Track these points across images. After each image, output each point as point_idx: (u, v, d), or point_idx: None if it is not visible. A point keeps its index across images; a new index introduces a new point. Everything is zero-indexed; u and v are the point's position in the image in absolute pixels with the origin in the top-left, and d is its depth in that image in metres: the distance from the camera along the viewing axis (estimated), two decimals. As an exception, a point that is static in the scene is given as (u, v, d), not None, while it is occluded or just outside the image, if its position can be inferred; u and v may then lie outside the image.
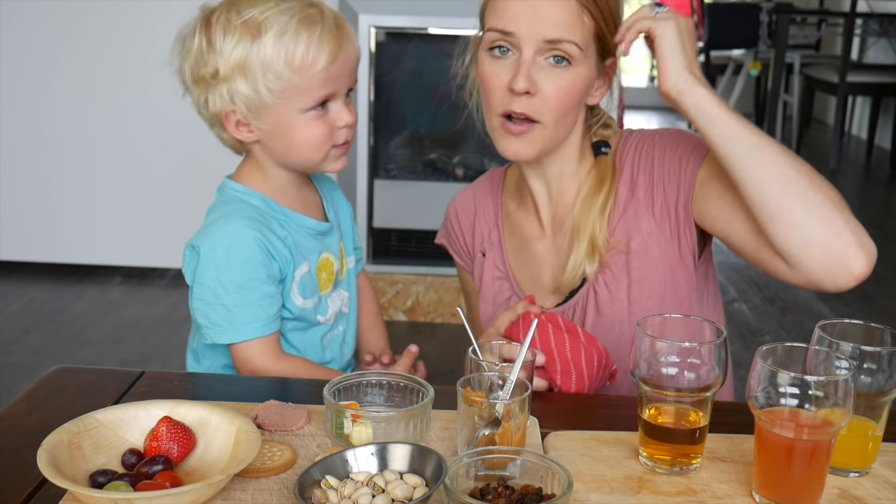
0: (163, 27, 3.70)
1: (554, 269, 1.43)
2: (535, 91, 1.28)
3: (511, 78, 1.28)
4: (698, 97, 1.21)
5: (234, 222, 1.32)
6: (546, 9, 1.27)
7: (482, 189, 1.55)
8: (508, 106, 1.30)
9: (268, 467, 0.98)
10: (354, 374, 1.13)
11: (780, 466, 0.93)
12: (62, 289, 3.66)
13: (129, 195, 3.74)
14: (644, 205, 1.35)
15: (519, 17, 1.28)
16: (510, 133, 1.31)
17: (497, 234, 1.50)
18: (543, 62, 1.29)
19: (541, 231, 1.45)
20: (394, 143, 3.65)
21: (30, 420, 1.11)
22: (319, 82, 1.31)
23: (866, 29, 6.35)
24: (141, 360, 3.05)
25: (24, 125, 3.69)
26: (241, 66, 1.29)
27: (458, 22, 3.32)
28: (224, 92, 1.31)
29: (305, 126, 1.33)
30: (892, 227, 4.99)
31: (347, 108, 1.36)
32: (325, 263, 1.42)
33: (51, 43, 3.60)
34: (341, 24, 1.34)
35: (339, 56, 1.31)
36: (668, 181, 1.34)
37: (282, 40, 1.28)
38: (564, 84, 1.29)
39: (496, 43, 1.30)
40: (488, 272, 1.49)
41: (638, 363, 1.00)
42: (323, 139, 1.34)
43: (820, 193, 1.15)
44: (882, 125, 6.77)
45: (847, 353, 0.98)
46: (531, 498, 0.88)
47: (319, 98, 1.32)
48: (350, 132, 1.37)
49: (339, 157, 1.38)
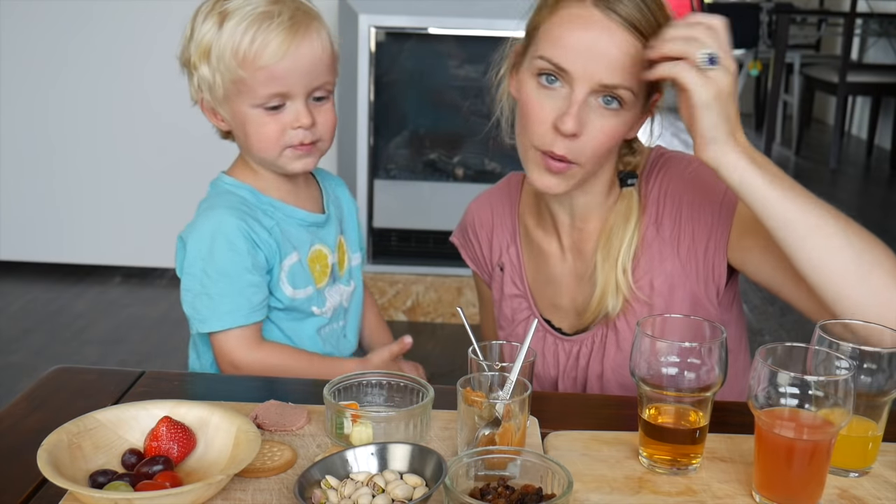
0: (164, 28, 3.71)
1: (572, 293, 1.40)
2: (580, 133, 1.21)
3: (558, 116, 1.21)
4: (741, 172, 1.11)
5: (218, 212, 1.34)
6: (606, 48, 1.18)
7: (499, 199, 1.51)
8: (549, 146, 1.22)
9: (268, 467, 0.98)
10: (354, 374, 1.12)
11: (780, 466, 0.93)
12: (62, 289, 3.67)
13: (129, 195, 3.74)
14: (669, 244, 1.31)
15: (576, 54, 1.19)
16: (547, 169, 1.24)
17: (515, 250, 1.46)
18: (594, 102, 1.21)
19: (560, 252, 1.41)
20: (394, 143, 3.65)
21: (30, 420, 1.11)
22: (264, 79, 1.29)
23: (866, 29, 6.36)
24: (141, 360, 3.05)
25: (25, 125, 3.69)
26: (205, 53, 1.31)
27: (459, 22, 3.33)
28: (195, 79, 1.34)
29: (256, 122, 1.32)
30: (892, 227, 4.99)
31: (310, 109, 1.33)
32: (317, 255, 1.42)
33: (52, 43, 3.60)
34: (301, 23, 1.30)
35: (287, 55, 1.28)
36: (698, 227, 1.29)
37: (235, 30, 1.28)
38: (610, 129, 1.22)
39: (545, 71, 1.22)
40: (507, 289, 1.47)
41: (638, 363, 1.00)
42: (273, 137, 1.32)
43: (880, 268, 1.10)
44: (882, 125, 6.77)
45: (847, 353, 0.98)
46: (531, 498, 0.88)
47: (267, 95, 1.30)
48: (308, 134, 1.33)
49: (299, 157, 1.35)
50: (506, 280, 1.47)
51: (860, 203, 5.60)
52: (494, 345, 1.13)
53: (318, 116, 1.34)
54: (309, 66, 1.31)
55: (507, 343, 1.13)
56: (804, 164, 6.38)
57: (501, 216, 1.49)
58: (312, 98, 1.34)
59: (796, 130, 6.60)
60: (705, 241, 1.29)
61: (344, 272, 1.48)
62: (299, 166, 1.36)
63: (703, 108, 1.10)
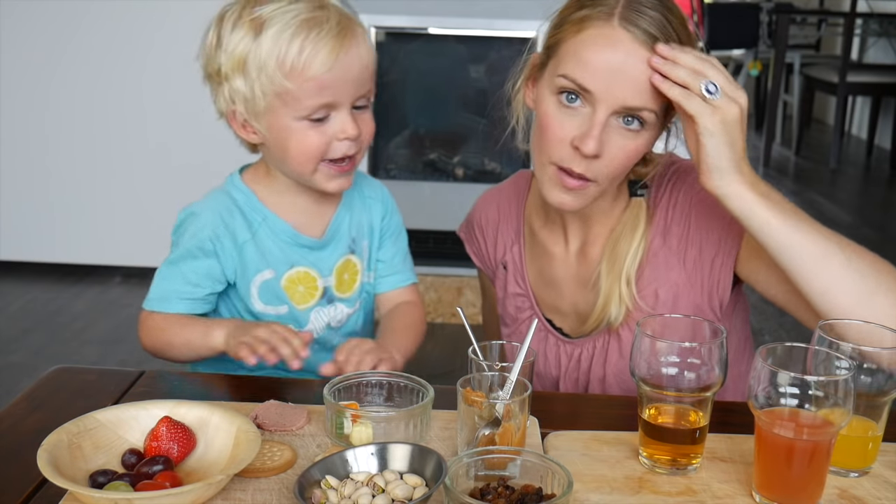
0: (164, 28, 3.73)
1: (574, 297, 1.39)
2: (600, 154, 1.19)
3: (579, 136, 1.19)
4: (745, 202, 1.12)
5: (202, 205, 1.36)
6: (631, 70, 1.16)
7: (507, 196, 1.50)
8: (568, 163, 1.20)
9: (268, 467, 0.98)
10: (354, 374, 1.12)
11: (780, 466, 0.93)
12: (62, 289, 3.67)
13: (129, 195, 3.74)
14: (676, 254, 1.30)
15: (602, 76, 1.17)
16: (564, 186, 1.23)
17: (518, 250, 1.46)
18: (615, 122, 1.19)
19: (565, 255, 1.40)
20: (394, 143, 3.65)
21: (30, 420, 1.11)
22: (314, 89, 1.23)
23: (866, 29, 6.36)
24: (141, 360, 3.05)
25: (25, 125, 3.69)
26: (240, 65, 1.25)
27: (459, 22, 3.33)
28: (226, 91, 1.28)
29: (300, 134, 1.27)
30: (892, 227, 4.99)
31: (354, 119, 1.28)
32: (300, 276, 1.37)
33: (52, 44, 3.60)
34: (347, 29, 1.25)
35: (336, 63, 1.23)
36: (706, 240, 1.28)
37: (278, 40, 1.22)
38: (631, 150, 1.21)
39: (568, 89, 1.20)
40: (510, 287, 1.46)
41: (638, 363, 1.00)
42: (315, 151, 1.27)
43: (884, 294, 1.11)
44: (882, 125, 6.77)
45: (847, 353, 0.98)
46: (531, 498, 0.88)
47: (314, 107, 1.25)
48: (353, 146, 1.29)
49: (334, 177, 1.30)
50: (509, 279, 1.47)
51: (860, 203, 5.60)
52: (494, 345, 1.13)
53: (361, 126, 1.29)
54: (357, 74, 1.26)
55: (507, 343, 1.13)
56: (804, 164, 6.38)
57: (507, 215, 1.49)
58: (354, 107, 1.29)
59: (796, 130, 6.60)
60: (713, 255, 1.28)
61: (352, 293, 1.43)
62: (334, 186, 1.31)
63: (708, 136, 1.11)
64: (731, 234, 1.26)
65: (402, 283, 1.49)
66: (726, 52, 6.96)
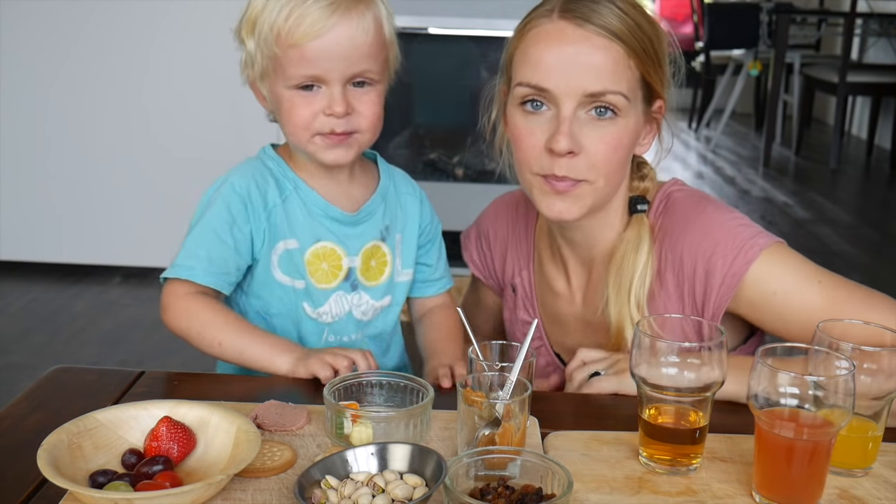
0: (164, 29, 3.72)
1: (580, 336, 1.35)
2: (578, 150, 1.15)
3: (550, 137, 1.16)
4: None
5: (235, 169, 1.33)
6: (586, 58, 1.14)
7: (516, 216, 1.44)
8: (549, 169, 1.17)
9: (268, 467, 0.98)
10: (354, 374, 1.12)
11: (780, 466, 0.93)
12: (62, 289, 3.66)
13: (129, 195, 3.74)
14: (674, 298, 1.25)
15: (554, 71, 1.14)
16: (553, 191, 1.18)
17: (528, 276, 1.41)
18: (585, 116, 1.16)
19: (569, 294, 1.36)
20: (394, 143, 3.65)
21: (30, 420, 1.11)
22: (297, 58, 1.22)
23: (866, 29, 6.36)
24: (141, 360, 3.05)
25: (25, 125, 3.69)
26: (252, 27, 1.27)
27: (459, 22, 3.33)
28: (244, 53, 1.30)
29: (288, 104, 1.26)
30: (891, 227, 4.99)
31: (347, 96, 1.25)
32: (325, 252, 1.34)
33: (52, 44, 3.60)
34: (342, 4, 1.22)
35: (321, 36, 1.21)
36: (697, 293, 1.24)
37: (276, 5, 1.23)
38: (611, 139, 1.16)
39: (528, 97, 1.17)
40: (519, 313, 1.43)
41: (638, 363, 1.00)
42: (303, 122, 1.26)
43: None
44: (882, 125, 6.77)
45: (847, 353, 0.98)
46: (531, 498, 0.88)
47: (299, 77, 1.24)
48: (342, 123, 1.25)
49: (330, 147, 1.27)
50: (518, 303, 1.43)
51: (860, 203, 5.60)
52: (494, 345, 1.13)
53: (357, 105, 1.26)
54: (345, 51, 1.23)
55: (507, 343, 1.13)
56: (804, 164, 6.38)
57: (517, 236, 1.44)
58: (352, 84, 1.26)
59: (796, 130, 6.60)
60: (702, 306, 1.24)
61: (379, 283, 1.39)
62: (330, 157, 1.28)
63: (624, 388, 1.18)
64: (723, 289, 1.21)
65: (444, 289, 1.49)
66: (726, 52, 6.96)
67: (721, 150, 6.81)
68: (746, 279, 1.19)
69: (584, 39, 1.15)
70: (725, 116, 6.92)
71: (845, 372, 0.92)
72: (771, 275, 1.19)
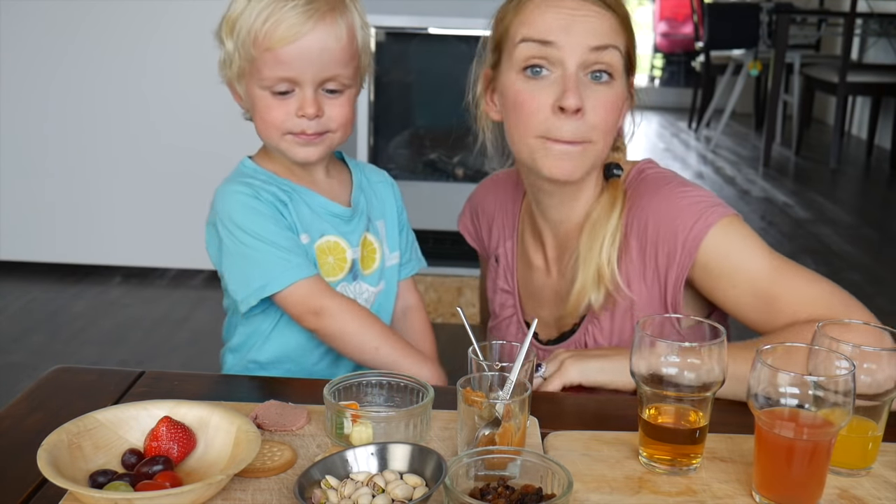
0: (163, 29, 3.72)
1: (553, 308, 1.40)
2: (584, 108, 1.20)
3: (559, 96, 1.19)
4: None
5: (231, 186, 1.33)
6: (585, 18, 1.20)
7: (505, 190, 1.49)
8: (556, 133, 1.20)
9: (268, 467, 0.98)
10: (354, 374, 1.12)
11: (780, 466, 0.93)
12: (62, 289, 3.67)
13: (129, 195, 3.74)
14: (636, 265, 1.29)
15: (557, 25, 1.20)
16: (557, 146, 1.21)
17: (511, 246, 1.46)
18: (584, 79, 1.21)
19: (545, 266, 1.40)
20: (394, 143, 3.65)
21: (30, 420, 1.11)
22: (272, 61, 1.26)
23: (866, 29, 6.36)
24: (141, 360, 3.05)
25: (25, 125, 3.69)
26: (231, 27, 1.30)
27: (459, 22, 3.32)
28: (223, 53, 1.33)
29: (262, 104, 1.30)
30: (891, 227, 5.00)
31: (319, 99, 1.29)
32: (330, 246, 1.37)
33: (51, 44, 3.60)
34: (318, 10, 1.26)
35: (295, 41, 1.25)
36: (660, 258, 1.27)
37: (255, 7, 1.26)
38: (609, 102, 1.22)
39: (531, 62, 1.21)
40: (499, 282, 1.47)
41: (638, 363, 1.00)
42: (275, 122, 1.30)
43: None
44: (882, 125, 6.78)
45: (847, 353, 0.98)
46: (531, 498, 0.88)
47: (273, 79, 1.27)
48: (313, 125, 1.29)
49: (301, 145, 1.31)
50: (499, 272, 1.48)
51: (860, 203, 5.60)
52: (495, 345, 1.13)
53: (328, 109, 1.30)
54: (318, 55, 1.27)
55: (507, 343, 1.13)
56: (804, 164, 6.38)
57: (503, 208, 1.49)
58: (324, 89, 1.30)
59: (796, 130, 6.60)
60: (665, 274, 1.27)
61: (373, 271, 1.43)
62: (301, 154, 1.32)
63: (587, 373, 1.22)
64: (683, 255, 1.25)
65: (414, 271, 1.54)
66: (726, 52, 6.96)
67: (721, 150, 6.82)
68: (704, 243, 1.23)
69: (582, 6, 1.22)
70: (725, 116, 6.92)
71: (845, 372, 0.92)
72: (727, 238, 1.23)
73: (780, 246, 4.44)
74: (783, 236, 4.64)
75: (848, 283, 4.13)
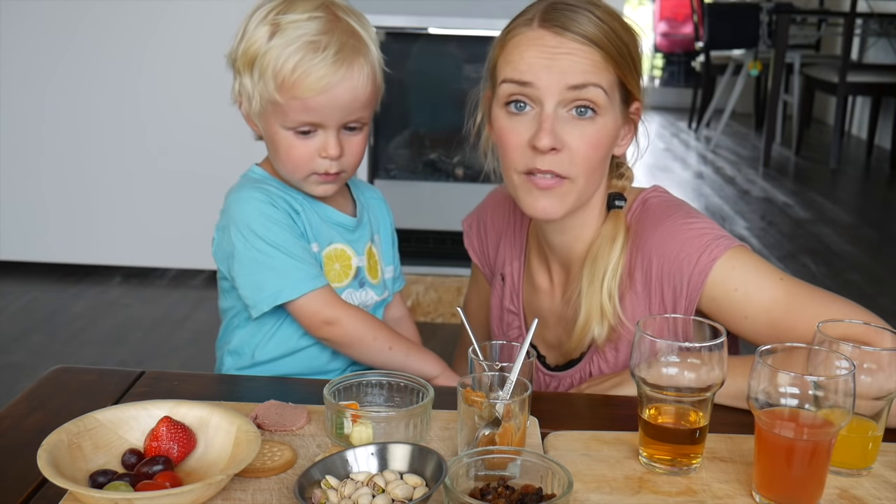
0: (162, 30, 3.72)
1: (557, 332, 1.39)
2: (560, 147, 1.19)
3: (533, 134, 1.19)
4: None
5: (248, 192, 1.34)
6: (565, 58, 1.19)
7: (513, 207, 1.46)
8: (532, 164, 1.20)
9: (268, 467, 0.98)
10: (354, 374, 1.12)
11: (780, 466, 0.93)
12: (62, 289, 3.66)
13: (129, 195, 3.74)
14: (642, 299, 1.28)
15: (537, 67, 1.19)
16: (536, 188, 1.22)
17: (519, 267, 1.45)
18: (566, 115, 1.20)
19: (550, 290, 1.40)
20: (394, 143, 3.66)
21: (30, 420, 1.11)
22: (300, 108, 1.28)
23: (866, 29, 6.36)
24: (141, 360, 3.05)
25: (24, 125, 3.69)
26: (250, 63, 1.30)
27: (459, 22, 3.33)
28: (237, 84, 1.34)
29: (286, 143, 1.32)
30: (891, 227, 4.99)
31: (339, 140, 1.32)
32: (337, 254, 1.40)
33: (51, 44, 3.60)
34: (345, 59, 1.27)
35: (325, 91, 1.27)
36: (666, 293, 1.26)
37: (282, 52, 1.26)
38: (591, 138, 1.20)
39: (513, 97, 1.21)
40: (505, 302, 1.46)
41: (638, 363, 1.00)
42: (301, 162, 1.32)
43: None
44: (882, 125, 6.77)
45: (847, 353, 0.98)
46: (531, 498, 0.88)
47: (299, 122, 1.29)
48: (334, 165, 1.32)
49: (320, 184, 1.35)
50: (505, 292, 1.46)
51: (860, 203, 5.60)
52: (495, 345, 1.13)
53: (347, 147, 1.33)
54: (346, 103, 1.29)
55: (507, 343, 1.13)
56: (804, 164, 6.38)
57: (512, 227, 1.47)
58: (346, 128, 1.33)
59: (796, 130, 6.60)
60: (672, 308, 1.26)
61: (379, 280, 1.46)
62: (320, 191, 1.36)
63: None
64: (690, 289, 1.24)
65: (399, 287, 1.57)
66: (726, 52, 6.96)
67: (721, 150, 6.82)
68: (710, 277, 1.22)
69: (564, 45, 1.20)
70: (725, 116, 6.92)
71: (845, 372, 0.92)
72: (734, 270, 1.22)
73: (780, 246, 4.44)
74: (783, 236, 4.64)
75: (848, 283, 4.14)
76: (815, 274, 4.03)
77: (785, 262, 4.16)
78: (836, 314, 1.14)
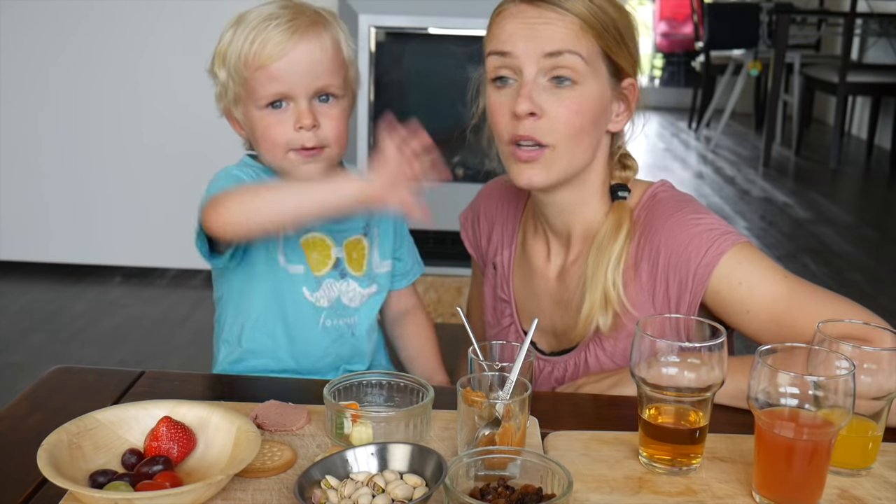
0: (161, 28, 3.72)
1: (552, 315, 1.39)
2: (540, 113, 1.22)
3: (513, 103, 1.23)
4: None
5: (228, 168, 1.37)
6: (543, 25, 1.22)
7: (509, 197, 1.50)
8: (514, 131, 1.24)
9: (268, 467, 0.98)
10: (354, 374, 1.13)
11: (780, 466, 0.93)
12: (62, 289, 3.66)
13: (128, 195, 3.74)
14: (646, 290, 1.29)
15: (516, 37, 1.23)
16: (520, 160, 1.25)
17: (509, 255, 1.46)
18: (546, 83, 1.23)
19: (546, 270, 1.40)
20: (393, 143, 3.65)
21: (30, 420, 1.11)
22: (264, 78, 1.31)
23: (866, 29, 6.36)
24: (141, 360, 3.05)
25: (24, 125, 3.69)
26: (221, 58, 1.35)
27: (459, 22, 3.32)
28: (217, 85, 1.38)
29: (262, 123, 1.34)
30: (891, 227, 4.99)
31: (314, 110, 1.33)
32: (315, 242, 1.41)
33: (50, 43, 3.60)
34: (301, 25, 1.32)
35: (284, 55, 1.30)
36: (671, 285, 1.27)
37: (241, 34, 1.32)
38: (571, 104, 1.23)
39: (498, 72, 1.25)
40: (497, 291, 1.47)
41: (638, 363, 1.00)
42: (279, 139, 1.33)
43: None
44: (882, 125, 6.77)
45: (847, 352, 0.98)
46: (531, 498, 0.88)
47: (268, 96, 1.32)
48: (312, 137, 1.33)
49: (304, 162, 1.34)
50: (497, 281, 1.47)
51: (860, 203, 5.60)
52: (495, 345, 1.13)
53: (322, 120, 1.34)
54: (307, 66, 1.32)
55: (507, 343, 1.13)
56: (804, 164, 6.38)
57: (505, 215, 1.49)
58: (318, 100, 1.35)
59: (796, 130, 6.60)
60: (676, 300, 1.27)
61: (363, 273, 1.45)
62: (304, 172, 1.35)
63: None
64: (695, 283, 1.25)
65: (416, 277, 1.57)
66: (726, 52, 6.96)
67: (721, 150, 6.82)
68: (716, 271, 1.23)
69: (543, 15, 1.23)
70: (725, 116, 6.92)
71: (845, 372, 0.92)
72: (740, 265, 1.23)
73: (780, 246, 4.44)
74: (783, 236, 4.64)
75: (848, 283, 4.14)
76: (816, 274, 4.03)
77: (785, 262, 4.16)
78: (836, 312, 1.15)
